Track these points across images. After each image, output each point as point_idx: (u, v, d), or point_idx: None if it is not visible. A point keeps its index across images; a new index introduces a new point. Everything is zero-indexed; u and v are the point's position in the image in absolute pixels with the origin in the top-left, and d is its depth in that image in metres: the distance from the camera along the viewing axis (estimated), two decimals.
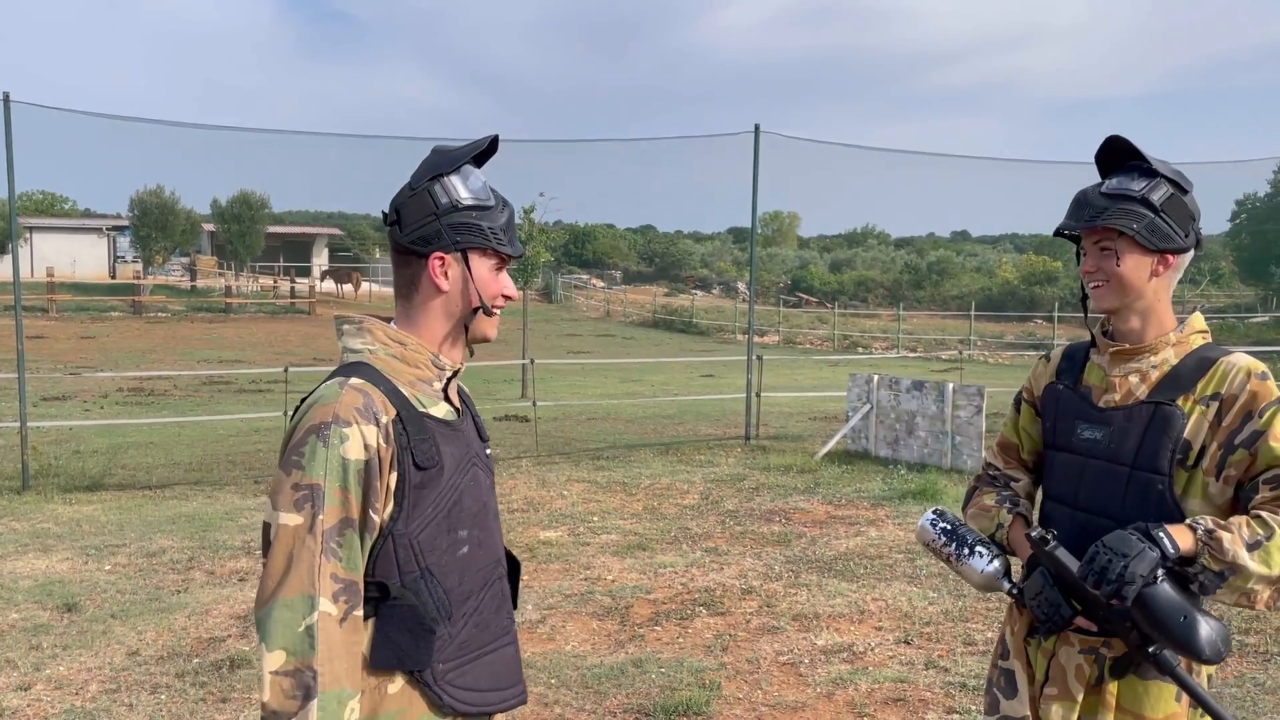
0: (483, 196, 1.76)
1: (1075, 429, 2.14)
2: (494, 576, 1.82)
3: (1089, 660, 2.07)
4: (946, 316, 39.79)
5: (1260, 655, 4.88)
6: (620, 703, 4.39)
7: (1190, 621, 1.83)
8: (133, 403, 14.98)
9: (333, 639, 1.58)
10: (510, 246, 1.78)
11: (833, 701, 4.40)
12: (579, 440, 12.07)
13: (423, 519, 1.68)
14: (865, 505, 8.37)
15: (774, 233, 73.40)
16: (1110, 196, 2.03)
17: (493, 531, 1.84)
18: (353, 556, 1.62)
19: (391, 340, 1.76)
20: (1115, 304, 2.07)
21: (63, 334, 25.78)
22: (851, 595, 5.84)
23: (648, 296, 44.25)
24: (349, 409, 1.63)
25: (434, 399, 1.78)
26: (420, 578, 1.67)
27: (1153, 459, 2.00)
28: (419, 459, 1.67)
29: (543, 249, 17.23)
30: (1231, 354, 2.06)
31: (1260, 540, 1.87)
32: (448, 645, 1.71)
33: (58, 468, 9.75)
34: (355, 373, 1.70)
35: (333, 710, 1.57)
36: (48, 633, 5.26)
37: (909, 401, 10.52)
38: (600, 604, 5.73)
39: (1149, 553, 1.84)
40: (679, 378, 20.07)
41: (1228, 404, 1.99)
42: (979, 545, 2.17)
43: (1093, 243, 2.06)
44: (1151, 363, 2.08)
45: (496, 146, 1.84)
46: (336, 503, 1.60)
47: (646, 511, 8.19)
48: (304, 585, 1.58)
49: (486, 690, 1.76)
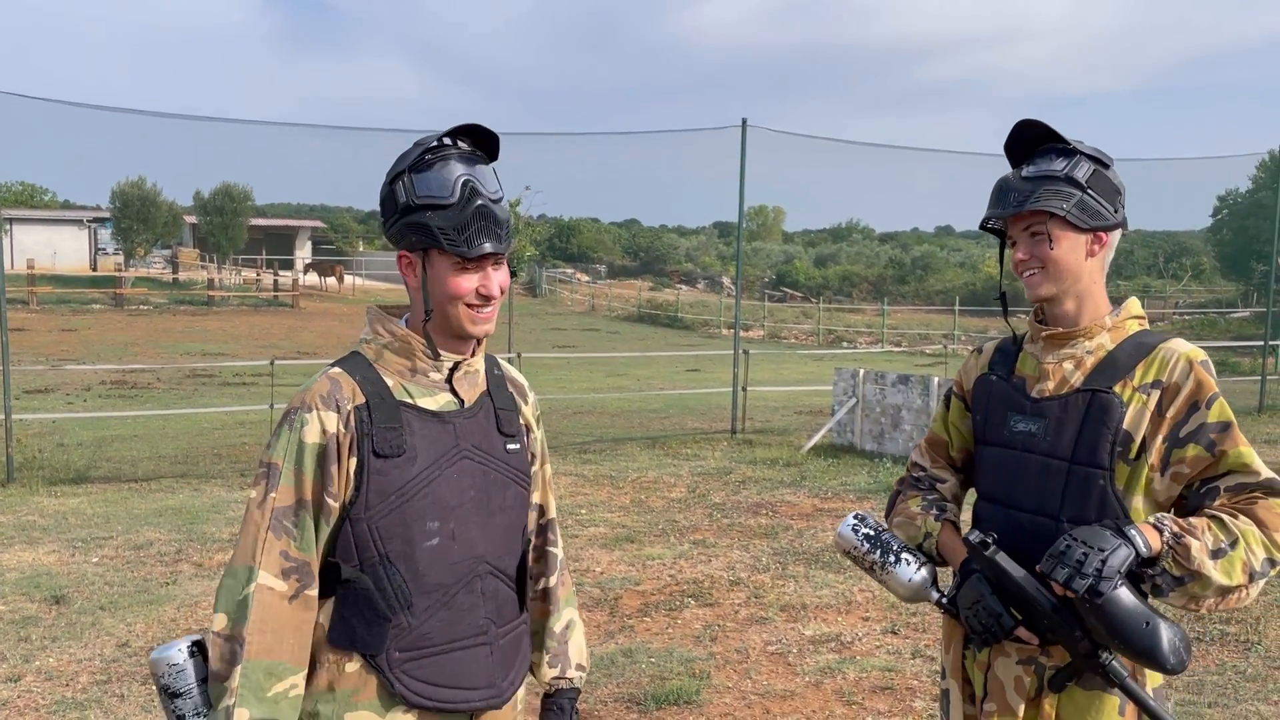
0: (442, 194, 1.70)
1: (1008, 421, 2.02)
2: (471, 573, 1.77)
3: (1028, 671, 1.95)
4: (931, 311, 39.98)
5: (1241, 644, 4.96)
6: (611, 692, 4.42)
7: (1153, 629, 1.73)
8: (116, 395, 14.90)
9: (271, 613, 1.65)
10: (467, 247, 1.70)
11: (821, 690, 4.45)
12: (565, 434, 12.08)
13: (384, 506, 1.69)
14: (851, 498, 8.43)
15: (759, 227, 73.50)
16: (1033, 179, 1.93)
17: (475, 526, 1.78)
18: (306, 537, 1.68)
19: (385, 331, 1.80)
20: (1053, 290, 1.95)
21: (44, 326, 25.59)
22: (838, 586, 5.89)
23: (632, 291, 44.26)
24: (315, 396, 1.72)
25: (429, 390, 1.78)
26: (379, 564, 1.69)
27: (1092, 452, 1.89)
28: (378, 446, 1.69)
29: (527, 243, 17.23)
30: (1169, 339, 1.96)
31: (1224, 549, 1.79)
32: (405, 635, 1.70)
33: (42, 460, 9.69)
34: (342, 361, 1.79)
35: (256, 680, 1.63)
36: (36, 625, 5.25)
37: (894, 395, 10.59)
38: (589, 595, 5.76)
39: (1124, 549, 1.75)
40: (664, 372, 20.11)
41: (1170, 393, 1.89)
42: (905, 552, 2.04)
43: (1022, 229, 1.95)
44: (1086, 348, 1.97)
45: (493, 135, 1.78)
46: (291, 483, 1.69)
47: (634, 504, 8.22)
48: (246, 556, 1.68)
49: (445, 687, 1.73)
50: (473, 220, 1.71)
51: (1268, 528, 1.83)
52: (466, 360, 1.82)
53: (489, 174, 1.77)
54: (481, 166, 1.76)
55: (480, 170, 1.75)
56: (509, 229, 1.78)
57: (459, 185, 1.71)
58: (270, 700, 1.64)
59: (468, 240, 1.71)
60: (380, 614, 1.69)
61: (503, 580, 1.84)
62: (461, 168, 1.72)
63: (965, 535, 1.91)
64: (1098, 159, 1.95)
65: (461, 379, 1.82)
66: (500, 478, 1.84)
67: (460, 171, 1.72)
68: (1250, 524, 1.83)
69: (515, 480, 1.87)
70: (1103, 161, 1.95)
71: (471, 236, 1.71)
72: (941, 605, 2.01)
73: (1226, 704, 4.26)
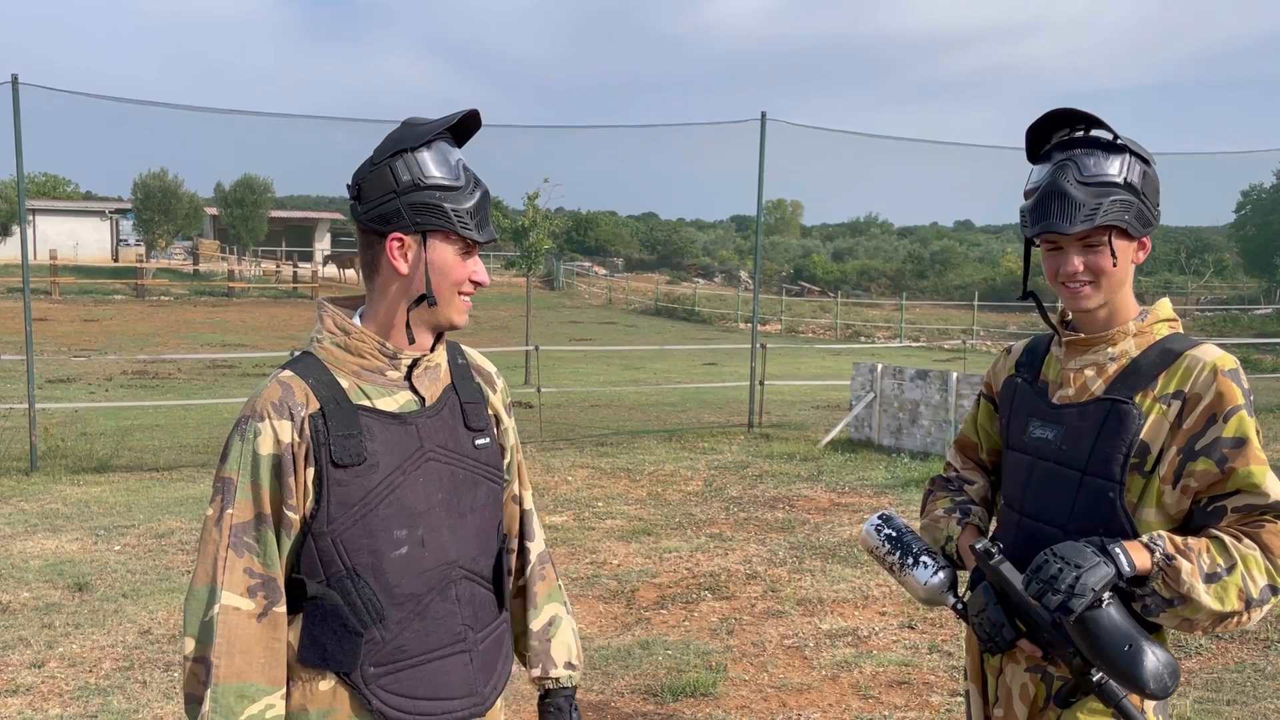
0: (450, 176, 1.64)
1: (1028, 426, 1.97)
2: (445, 580, 1.68)
3: (1034, 679, 1.92)
4: (949, 306, 39.78)
5: (1261, 642, 4.93)
6: (628, 683, 4.44)
7: (1135, 651, 1.67)
8: (137, 385, 15.03)
9: (238, 633, 1.58)
10: (478, 232, 1.66)
11: (838, 684, 4.45)
12: (583, 426, 12.11)
13: (347, 517, 1.61)
14: (869, 493, 8.41)
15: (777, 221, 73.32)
16: (1094, 187, 1.80)
17: (446, 530, 1.69)
18: (269, 552, 1.60)
19: (337, 329, 1.70)
20: (1101, 302, 1.86)
21: (66, 317, 25.82)
22: (855, 581, 5.89)
23: (650, 284, 44.24)
24: (266, 403, 1.62)
25: (387, 389, 1.69)
26: (346, 577, 1.61)
27: (1105, 464, 1.83)
28: (336, 455, 1.60)
29: (545, 236, 17.23)
30: (1199, 345, 1.85)
31: (1219, 573, 1.72)
32: (379, 649, 1.63)
33: (65, 449, 9.79)
34: (293, 363, 1.69)
35: (227, 704, 1.56)
36: (59, 612, 5.32)
37: (913, 391, 10.56)
38: (606, 587, 5.78)
39: (1103, 567, 1.68)
40: (681, 365, 20.11)
41: (1191, 403, 1.80)
42: (924, 555, 2.01)
43: (1076, 239, 1.83)
44: (1110, 354, 1.89)
45: (478, 122, 1.72)
46: (249, 498, 1.60)
47: (651, 498, 8.24)
48: (206, 577, 1.60)
49: (423, 699, 1.66)
50: (482, 205, 1.67)
51: (1272, 553, 1.75)
52: (427, 355, 1.73)
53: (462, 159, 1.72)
54: (458, 150, 1.70)
55: (459, 154, 1.69)
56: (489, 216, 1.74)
57: (462, 169, 1.66)
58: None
59: (478, 224, 1.66)
60: (351, 629, 1.61)
61: (478, 583, 1.75)
62: (457, 152, 1.68)
63: (971, 544, 1.88)
64: (1144, 157, 1.85)
65: (421, 375, 1.72)
66: (470, 476, 1.75)
67: (459, 156, 1.67)
68: (1254, 548, 1.75)
69: (486, 477, 1.78)
70: (1147, 160, 1.85)
71: (482, 221, 1.67)
72: (957, 610, 1.98)
73: (1245, 701, 4.23)
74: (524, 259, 17.56)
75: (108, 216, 46.37)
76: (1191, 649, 4.84)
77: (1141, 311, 1.93)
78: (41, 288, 30.87)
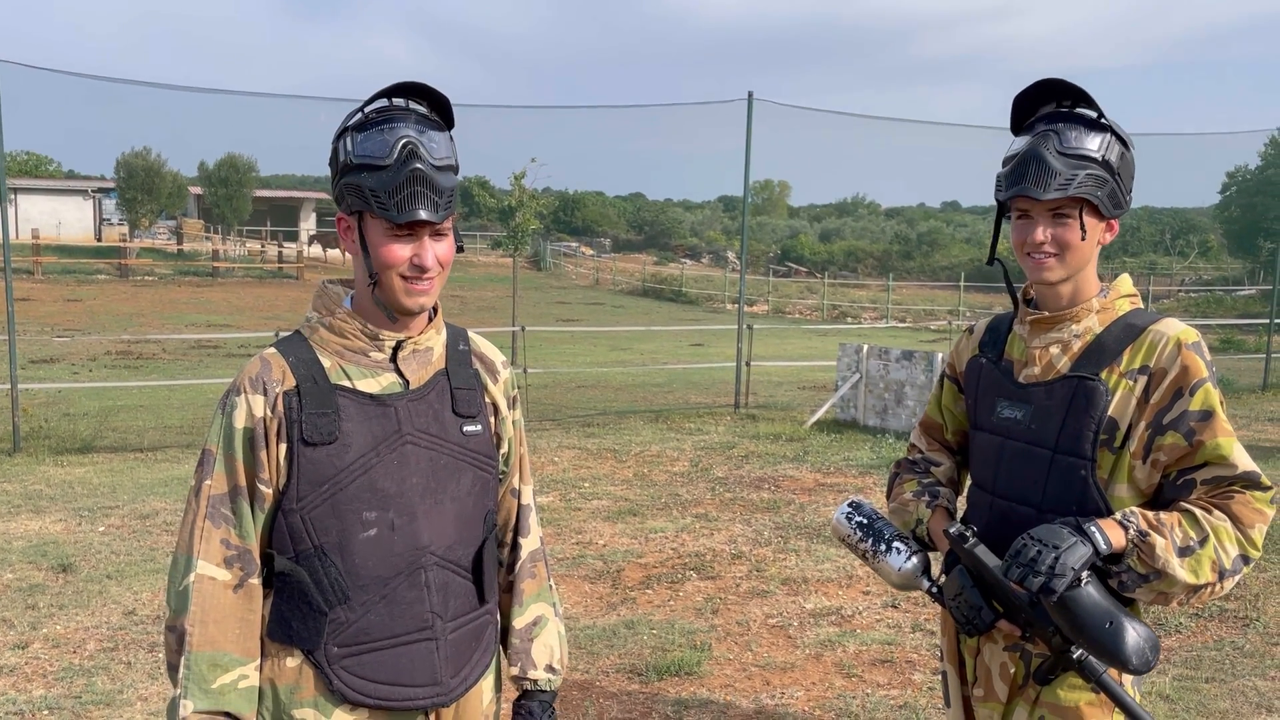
0: (378, 154, 1.59)
1: (995, 406, 1.97)
2: (415, 565, 1.67)
3: (1014, 658, 1.94)
4: (936, 287, 39.88)
5: (1239, 620, 4.98)
6: (613, 663, 4.46)
7: (1116, 628, 1.70)
8: (121, 366, 14.94)
9: (213, 602, 1.60)
10: (398, 212, 1.58)
11: (821, 662, 4.49)
12: (569, 407, 12.11)
13: (316, 495, 1.61)
14: (854, 473, 8.45)
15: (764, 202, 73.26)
16: (1072, 158, 1.81)
17: (421, 515, 1.68)
18: (245, 524, 1.62)
19: (324, 309, 1.71)
20: (1063, 276, 1.87)
21: (49, 296, 25.62)
22: (839, 560, 5.92)
23: (637, 265, 44.19)
24: (245, 378, 1.65)
25: (370, 370, 1.68)
26: (314, 555, 1.62)
27: (1075, 441, 1.84)
28: (307, 433, 1.61)
29: (532, 216, 17.15)
30: (1161, 320, 1.88)
31: (1192, 547, 1.74)
32: (344, 629, 1.63)
33: (48, 430, 9.74)
34: (280, 341, 1.72)
35: (200, 671, 1.58)
36: (43, 592, 5.30)
37: (898, 371, 10.59)
38: (592, 567, 5.80)
39: (1081, 546, 1.71)
40: (668, 346, 20.12)
41: (1157, 378, 1.82)
42: (897, 540, 2.03)
43: (1047, 209, 1.83)
44: (1074, 331, 1.90)
45: (435, 95, 1.65)
46: (226, 469, 1.63)
47: (637, 478, 8.25)
48: (185, 546, 1.63)
49: (385, 683, 1.65)
50: (406, 184, 1.58)
51: (1242, 523, 1.78)
52: (413, 338, 1.71)
53: (441, 140, 1.64)
54: (434, 132, 1.64)
55: (431, 135, 1.63)
56: (450, 198, 1.64)
57: (398, 146, 1.59)
58: (216, 692, 1.58)
59: (398, 205, 1.59)
60: (316, 608, 1.62)
61: (454, 571, 1.72)
62: (409, 130, 1.61)
63: (945, 528, 1.89)
64: (1124, 140, 1.86)
65: (409, 358, 1.71)
66: (453, 462, 1.72)
67: (404, 134, 1.60)
68: (1224, 520, 1.77)
69: (474, 465, 1.75)
70: (1126, 143, 1.87)
71: (403, 201, 1.59)
72: (931, 594, 2.00)
73: (1224, 679, 4.29)
74: (510, 239, 17.46)
75: (90, 195, 45.94)
76: (1171, 627, 4.89)
77: (1103, 288, 1.94)
78: (24, 267, 30.59)
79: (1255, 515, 1.79)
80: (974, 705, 2.04)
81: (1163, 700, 4.05)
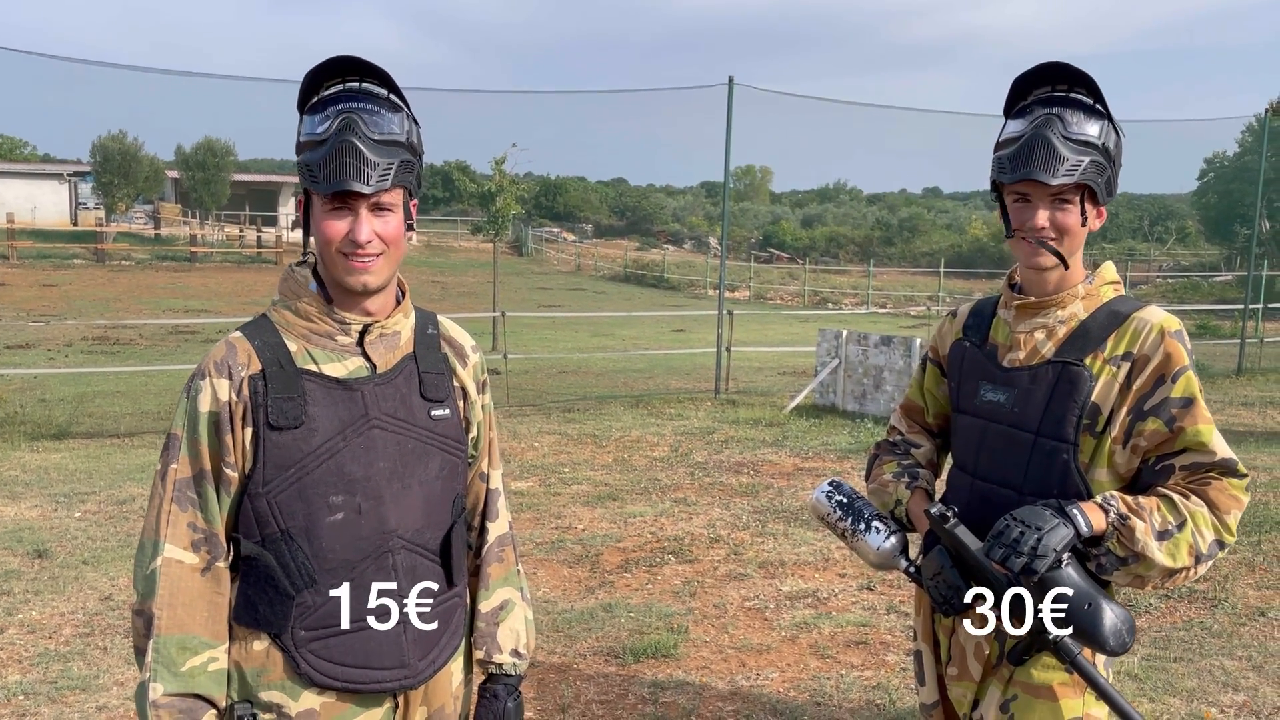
0: (318, 131, 1.60)
1: (979, 390, 1.99)
2: (382, 549, 1.67)
3: (988, 638, 1.96)
4: (917, 273, 40.04)
5: (1208, 600, 5.06)
6: (591, 645, 4.49)
7: (1094, 610, 1.73)
8: (98, 351, 14.82)
9: (180, 586, 1.60)
10: (325, 183, 1.57)
11: (796, 644, 4.53)
12: (550, 393, 12.12)
13: (282, 479, 1.61)
14: (832, 458, 8.50)
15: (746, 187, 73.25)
16: (1078, 144, 1.82)
17: (389, 500, 1.67)
18: (210, 508, 1.63)
19: (289, 292, 1.70)
20: (1058, 262, 1.88)
21: (24, 281, 25.35)
22: (816, 544, 5.97)
23: (619, 251, 44.12)
24: (210, 362, 1.65)
25: (337, 354, 1.68)
26: (280, 539, 1.62)
27: (1058, 425, 1.86)
28: (273, 418, 1.60)
29: (513, 201, 17.10)
30: (1144, 308, 1.90)
31: (1170, 530, 1.77)
32: (310, 613, 1.63)
33: (24, 415, 9.66)
34: (247, 325, 1.70)
35: (169, 655, 1.58)
36: (19, 579, 5.27)
37: (877, 357, 10.65)
38: (571, 552, 5.82)
39: (1063, 528, 1.73)
40: (650, 332, 20.13)
41: (1139, 365, 1.84)
42: (876, 520, 2.05)
43: (1049, 194, 1.84)
44: (1059, 317, 1.92)
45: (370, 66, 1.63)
46: (190, 454, 1.63)
47: (616, 463, 8.28)
48: (151, 530, 1.64)
49: (352, 666, 1.65)
50: (335, 155, 1.57)
51: (1219, 509, 1.81)
52: (379, 321, 1.70)
53: (386, 116, 1.62)
54: (377, 107, 1.62)
55: (371, 109, 1.61)
56: (387, 171, 1.59)
57: (335, 120, 1.59)
58: (185, 675, 1.58)
59: (327, 176, 1.57)
60: (283, 591, 1.62)
61: (422, 555, 1.72)
62: (347, 105, 1.60)
63: (926, 509, 1.90)
64: (1117, 128, 1.88)
65: (376, 342, 1.70)
66: (420, 447, 1.72)
67: (341, 107, 1.60)
68: (1201, 505, 1.80)
69: (442, 449, 1.75)
70: (1119, 131, 1.89)
71: (331, 172, 1.57)
72: (909, 574, 2.02)
73: (1191, 659, 4.35)
74: (491, 224, 17.44)
75: (66, 179, 45.38)
76: (1141, 607, 4.96)
77: (1088, 275, 1.95)
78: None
79: (1231, 501, 1.82)
80: (948, 684, 2.06)
81: (1131, 679, 4.11)
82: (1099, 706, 1.91)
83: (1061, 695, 1.91)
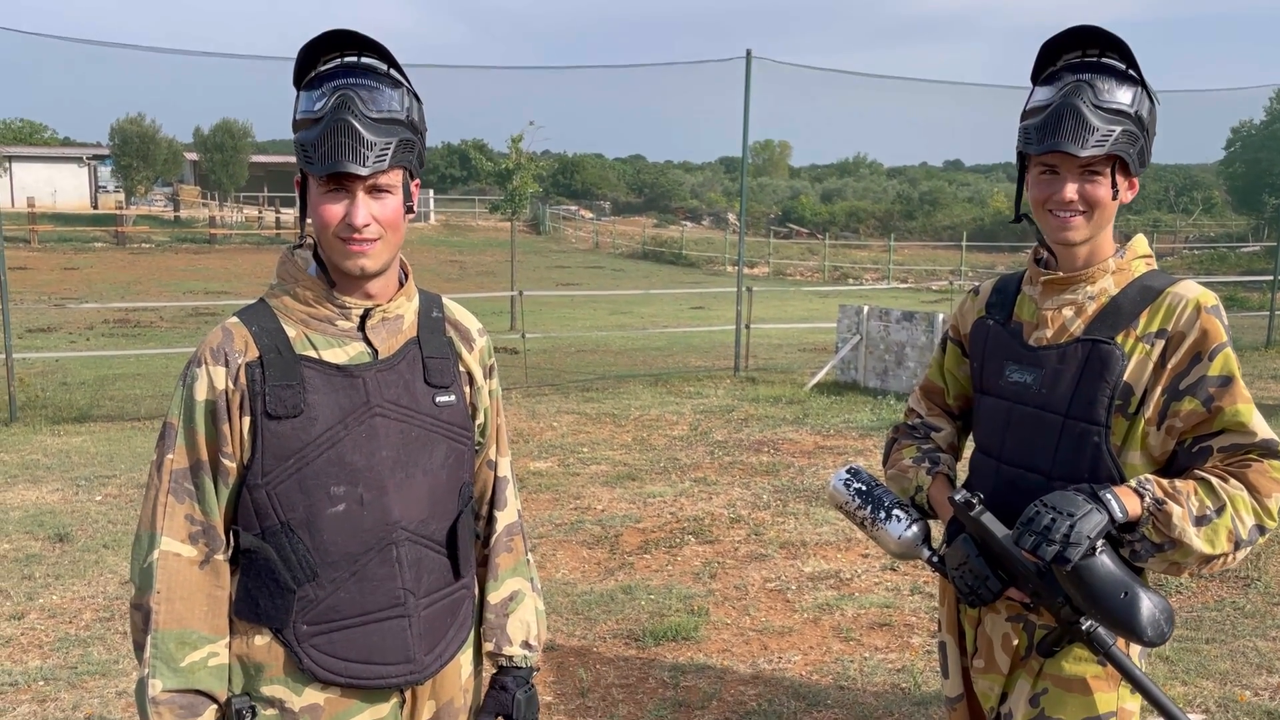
0: (313, 109, 1.54)
1: (1004, 370, 1.90)
2: (385, 541, 1.62)
3: (1017, 629, 1.89)
4: (938, 247, 39.70)
5: (1241, 580, 4.96)
6: (610, 628, 4.44)
7: (1131, 598, 1.64)
8: (119, 334, 14.90)
9: (178, 579, 1.56)
10: (319, 164, 1.51)
11: (819, 626, 4.47)
12: (568, 372, 12.07)
13: (281, 470, 1.56)
14: (854, 435, 8.42)
15: (765, 162, 72.80)
16: (1109, 113, 1.73)
17: (392, 490, 1.62)
18: (208, 499, 1.58)
19: (288, 276, 1.65)
20: (1088, 235, 1.79)
21: (45, 265, 25.51)
22: (838, 524, 5.90)
23: (637, 228, 43.98)
24: (206, 349, 1.59)
25: (337, 339, 1.62)
26: (280, 532, 1.57)
27: (1089, 407, 1.77)
28: (271, 406, 1.55)
29: (530, 179, 17.02)
30: (1179, 282, 1.81)
31: (1209, 515, 1.69)
32: (312, 607, 1.58)
33: (45, 399, 9.71)
34: (244, 310, 1.65)
35: (168, 650, 1.54)
36: (40, 563, 5.29)
37: (899, 333, 10.53)
38: (590, 533, 5.78)
39: (1096, 514, 1.64)
40: (668, 309, 20.05)
41: (1175, 342, 1.75)
42: (896, 508, 1.97)
43: (1078, 165, 1.75)
44: (1088, 293, 1.82)
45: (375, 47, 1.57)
46: (186, 443, 1.58)
47: (636, 442, 8.22)
48: (147, 523, 1.59)
49: (356, 662, 1.61)
50: (330, 134, 1.50)
51: (1259, 492, 1.72)
52: (381, 305, 1.64)
53: (385, 93, 1.55)
54: (376, 83, 1.55)
55: (370, 85, 1.54)
56: (384, 151, 1.53)
57: (331, 97, 1.52)
58: (185, 670, 1.55)
59: (321, 157, 1.51)
60: (283, 585, 1.57)
61: (427, 546, 1.67)
62: (343, 81, 1.53)
63: (951, 495, 1.82)
64: (1151, 95, 1.78)
65: (378, 326, 1.64)
66: (424, 434, 1.66)
67: (337, 83, 1.53)
68: (1240, 488, 1.71)
69: (447, 436, 1.69)
70: (1154, 98, 1.79)
71: (326, 153, 1.50)
72: (932, 563, 1.94)
73: (1224, 639, 4.27)
74: (508, 202, 17.37)
75: (85, 163, 45.62)
76: (1171, 588, 4.87)
77: (1119, 249, 1.86)
78: (19, 235, 30.46)
79: (1272, 484, 1.73)
80: (974, 677, 1.98)
81: (1162, 661, 4.03)
82: (1133, 700, 1.84)
83: (1095, 688, 1.83)
